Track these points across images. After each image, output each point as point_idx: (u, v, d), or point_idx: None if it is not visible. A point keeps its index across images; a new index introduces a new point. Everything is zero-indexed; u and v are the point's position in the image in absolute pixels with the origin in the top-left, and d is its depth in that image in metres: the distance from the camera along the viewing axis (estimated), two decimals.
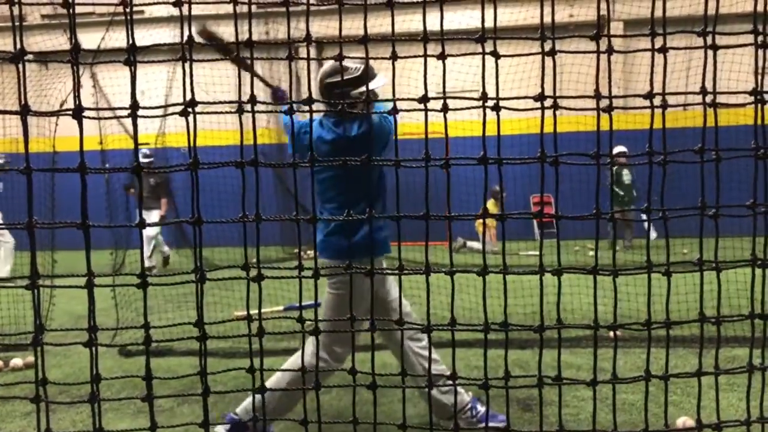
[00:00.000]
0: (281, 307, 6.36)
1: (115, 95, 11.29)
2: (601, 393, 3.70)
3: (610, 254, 11.73)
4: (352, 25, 1.76)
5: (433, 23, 1.77)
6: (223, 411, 3.77)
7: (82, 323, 1.80)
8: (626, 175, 12.27)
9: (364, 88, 3.14)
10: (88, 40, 1.79)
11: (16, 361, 4.84)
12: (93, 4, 1.73)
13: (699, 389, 1.94)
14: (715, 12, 1.85)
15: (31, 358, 4.89)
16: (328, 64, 3.22)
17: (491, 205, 12.17)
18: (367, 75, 3.15)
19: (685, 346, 4.84)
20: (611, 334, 5.02)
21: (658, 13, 1.79)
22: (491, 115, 1.78)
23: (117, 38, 2.84)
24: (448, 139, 1.88)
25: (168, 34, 11.45)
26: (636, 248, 12.00)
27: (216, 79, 6.20)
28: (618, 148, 10.62)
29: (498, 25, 1.81)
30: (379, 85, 3.26)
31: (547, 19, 1.80)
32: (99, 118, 1.80)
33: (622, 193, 12.29)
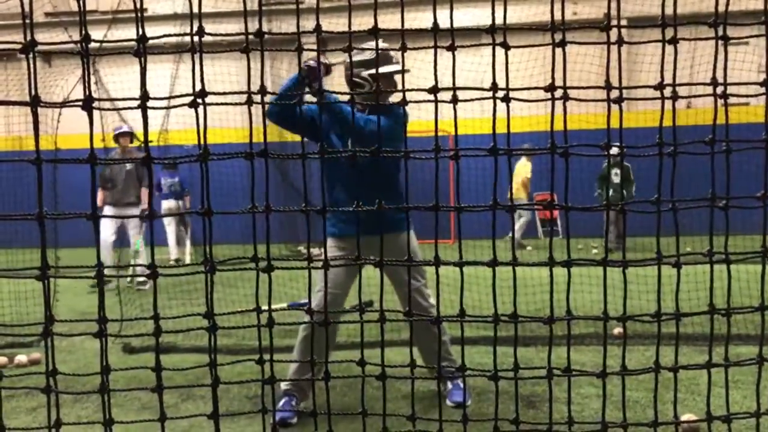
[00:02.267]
0: (285, 304, 6.37)
1: (117, 92, 11.31)
2: (606, 391, 3.70)
3: (610, 253, 11.71)
4: (362, 22, 1.76)
5: (443, 20, 1.77)
6: (228, 407, 3.78)
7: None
8: (615, 175, 12.05)
9: (372, 71, 3.19)
10: (92, 37, 1.79)
11: (21, 358, 4.84)
12: None
13: (709, 381, 1.94)
14: (726, 5, 1.85)
15: (35, 355, 4.88)
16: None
17: (525, 161, 12.01)
18: (378, 58, 3.13)
19: (690, 344, 4.82)
20: (615, 331, 5.06)
21: (666, 10, 1.78)
22: (501, 108, 1.78)
23: (120, 36, 2.85)
24: (457, 134, 1.88)
25: (172, 32, 11.44)
26: (629, 250, 11.76)
27: (219, 76, 6.20)
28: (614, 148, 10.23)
29: (506, 20, 1.81)
30: (389, 70, 3.25)
31: (555, 15, 1.80)
32: (108, 109, 1.80)
33: (610, 191, 12.09)
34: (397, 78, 3.36)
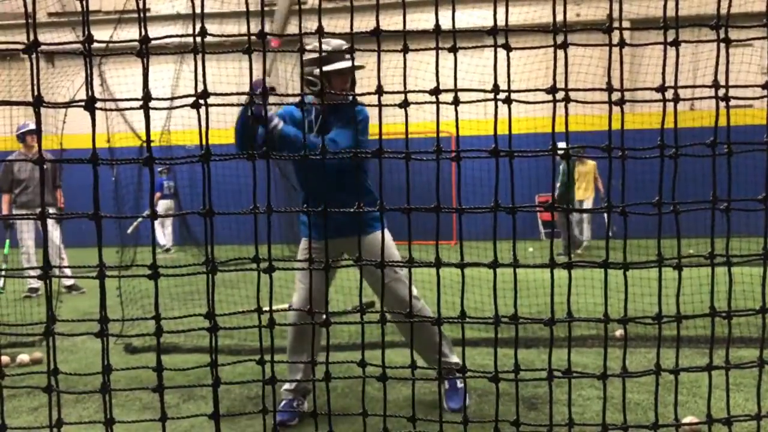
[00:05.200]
0: (287, 305, 6.37)
1: (122, 93, 11.34)
2: (607, 393, 3.70)
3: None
4: (360, 25, 1.77)
5: (443, 21, 1.77)
6: (230, 408, 3.78)
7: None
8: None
9: (325, 68, 3.04)
10: (96, 37, 1.79)
11: (23, 357, 4.85)
12: None
13: (710, 383, 1.93)
14: (727, 7, 1.85)
15: (37, 354, 4.90)
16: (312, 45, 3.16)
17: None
18: (330, 56, 3.06)
19: (692, 347, 4.82)
20: (617, 333, 5.05)
21: (668, 12, 1.78)
22: (502, 109, 1.78)
23: (124, 36, 2.86)
24: (458, 135, 1.89)
25: (175, 32, 11.46)
26: (632, 252, 11.62)
27: (223, 78, 6.22)
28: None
29: (508, 22, 1.81)
30: (339, 67, 3.10)
31: (558, 17, 1.80)
32: (111, 110, 1.81)
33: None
34: (360, 73, 3.25)
